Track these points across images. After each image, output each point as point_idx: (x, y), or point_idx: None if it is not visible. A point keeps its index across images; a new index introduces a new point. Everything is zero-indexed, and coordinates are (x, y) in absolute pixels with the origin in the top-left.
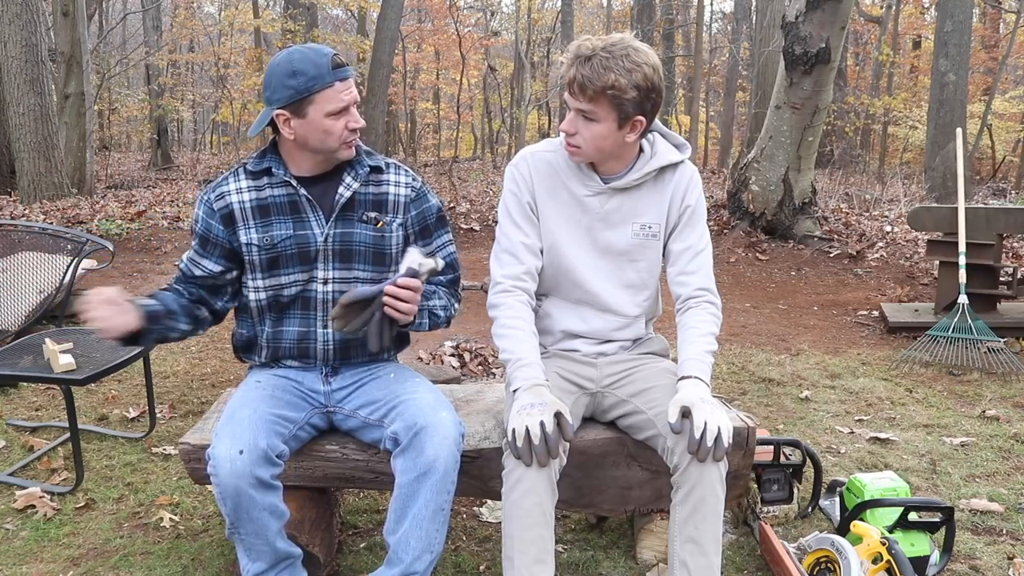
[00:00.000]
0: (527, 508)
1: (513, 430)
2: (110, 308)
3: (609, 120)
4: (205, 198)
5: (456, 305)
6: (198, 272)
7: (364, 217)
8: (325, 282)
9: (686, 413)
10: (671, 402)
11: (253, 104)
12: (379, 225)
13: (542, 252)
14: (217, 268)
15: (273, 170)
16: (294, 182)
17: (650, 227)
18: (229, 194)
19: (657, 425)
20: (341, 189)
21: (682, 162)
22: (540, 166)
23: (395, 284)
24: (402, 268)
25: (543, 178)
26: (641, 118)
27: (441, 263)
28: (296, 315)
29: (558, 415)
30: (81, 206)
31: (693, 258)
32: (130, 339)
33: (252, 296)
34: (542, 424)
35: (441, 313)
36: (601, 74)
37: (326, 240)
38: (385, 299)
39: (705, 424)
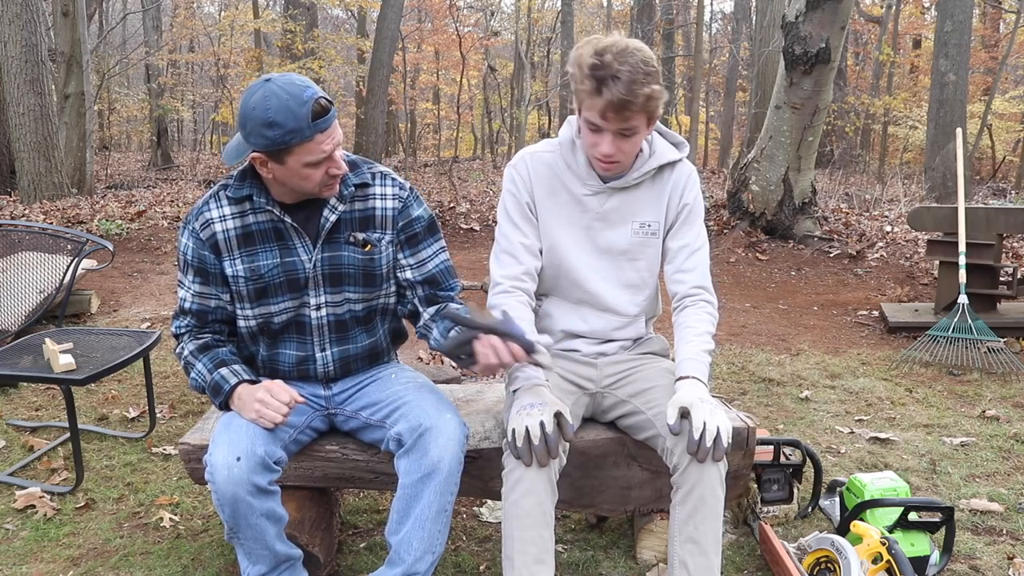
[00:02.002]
0: (527, 508)
1: (513, 430)
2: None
3: (643, 128)
4: (191, 226)
5: None
6: (212, 304)
7: (351, 239)
8: (318, 308)
9: (684, 414)
10: (669, 403)
11: None
12: (367, 248)
13: (541, 252)
14: (226, 296)
15: (254, 197)
16: (277, 210)
17: (649, 225)
18: (213, 222)
19: (656, 425)
20: (326, 212)
21: (680, 160)
22: (539, 167)
23: (509, 344)
24: (531, 336)
25: (542, 179)
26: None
27: (547, 361)
28: (292, 339)
29: (558, 415)
30: (81, 206)
31: (690, 256)
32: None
33: (241, 323)
34: (542, 424)
35: None
36: (638, 91)
37: (315, 266)
38: (485, 338)
39: (704, 424)
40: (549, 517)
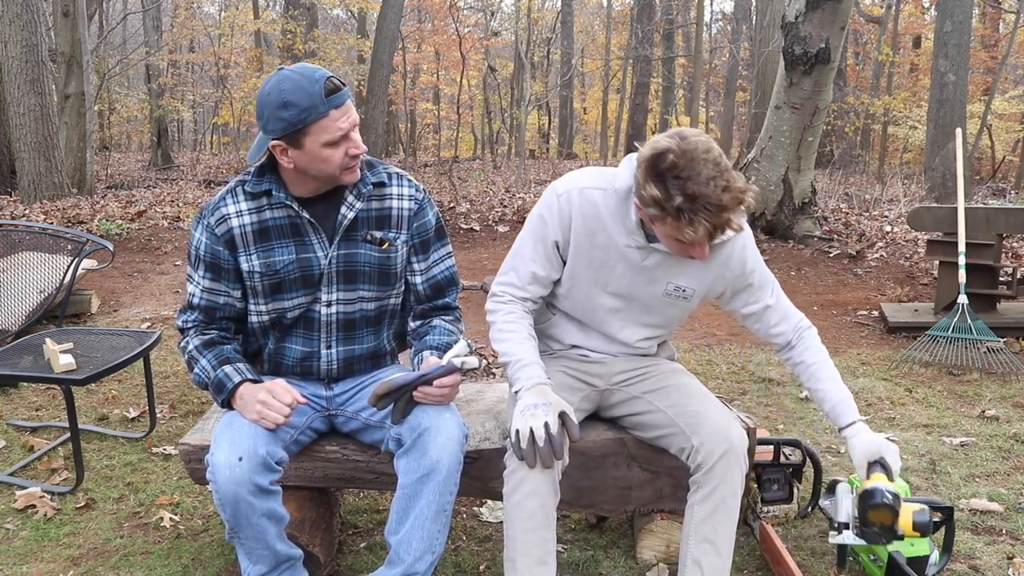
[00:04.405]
0: (530, 510)
1: (517, 431)
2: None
3: None
4: (205, 221)
5: (460, 327)
6: (221, 300)
7: (368, 237)
8: (329, 304)
9: (882, 463)
10: (857, 462)
11: (253, 105)
12: (385, 246)
13: (559, 281)
14: (237, 292)
15: (273, 192)
16: (295, 205)
17: (684, 290)
18: (229, 217)
19: (679, 424)
20: (344, 209)
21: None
22: (586, 207)
23: (433, 381)
24: (444, 358)
25: (586, 219)
26: None
27: (475, 362)
28: (299, 334)
29: (563, 415)
30: (81, 206)
31: (775, 312)
32: None
33: (254, 318)
34: (546, 425)
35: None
36: (731, 204)
37: (330, 263)
38: (419, 391)
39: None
40: (551, 519)
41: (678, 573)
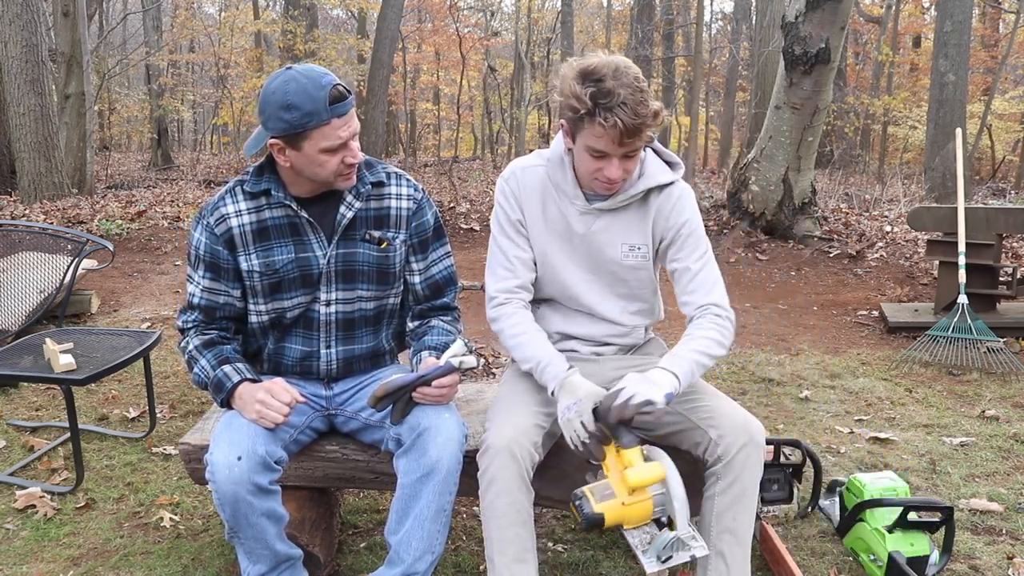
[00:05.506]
0: (502, 508)
1: (570, 438)
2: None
3: (642, 145)
4: (205, 221)
5: (459, 327)
6: (221, 300)
7: (367, 236)
8: (328, 303)
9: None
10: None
11: (253, 106)
12: (383, 245)
13: (535, 263)
14: (237, 292)
15: (272, 191)
16: (294, 204)
17: (638, 248)
18: (229, 217)
19: (692, 419)
20: (343, 209)
21: (671, 183)
22: (530, 182)
23: (431, 382)
24: (442, 359)
25: (533, 194)
26: None
27: (474, 361)
28: (299, 334)
29: (595, 409)
30: (81, 206)
31: (692, 279)
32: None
33: (254, 318)
34: (583, 424)
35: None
36: (644, 112)
37: (328, 262)
38: (418, 392)
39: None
40: (526, 515)
41: (697, 566)
